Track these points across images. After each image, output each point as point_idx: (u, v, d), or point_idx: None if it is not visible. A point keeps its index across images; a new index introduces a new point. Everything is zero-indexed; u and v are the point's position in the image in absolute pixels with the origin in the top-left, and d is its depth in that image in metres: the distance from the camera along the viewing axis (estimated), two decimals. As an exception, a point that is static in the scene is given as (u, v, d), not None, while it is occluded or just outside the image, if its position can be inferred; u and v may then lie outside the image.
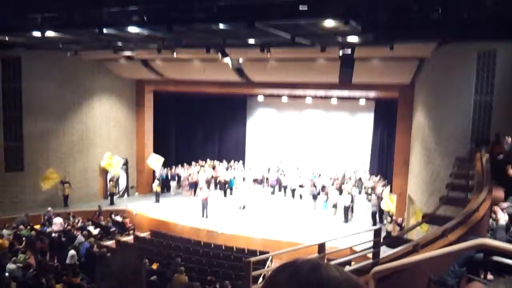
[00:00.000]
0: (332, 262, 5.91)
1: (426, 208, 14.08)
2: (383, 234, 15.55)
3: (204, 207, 20.41)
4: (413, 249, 4.46)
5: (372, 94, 22.01)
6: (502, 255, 3.01)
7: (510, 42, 10.73)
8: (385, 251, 6.20)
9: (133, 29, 12.41)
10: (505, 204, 4.65)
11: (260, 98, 27.16)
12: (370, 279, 2.97)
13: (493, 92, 11.50)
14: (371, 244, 5.70)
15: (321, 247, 4.45)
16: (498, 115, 11.36)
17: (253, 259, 4.39)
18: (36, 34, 13.55)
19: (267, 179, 25.68)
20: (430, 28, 10.58)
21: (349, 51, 14.93)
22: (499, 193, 6.47)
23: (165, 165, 25.53)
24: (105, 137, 23.30)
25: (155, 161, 23.20)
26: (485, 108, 11.83)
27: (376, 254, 4.36)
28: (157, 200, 22.88)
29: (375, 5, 10.32)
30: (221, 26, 11.63)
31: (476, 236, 4.22)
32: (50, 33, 13.46)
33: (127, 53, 18.35)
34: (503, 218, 3.92)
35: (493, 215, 4.04)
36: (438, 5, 9.74)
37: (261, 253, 15.31)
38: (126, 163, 23.97)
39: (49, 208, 18.05)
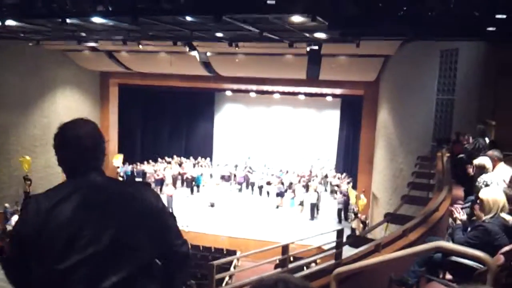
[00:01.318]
0: (298, 262, 5.89)
1: (389, 205, 14.28)
2: (348, 231, 15.73)
3: (169, 204, 20.11)
4: (375, 249, 4.44)
5: (338, 91, 22.19)
6: (459, 255, 3.01)
7: (471, 40, 10.92)
8: (350, 249, 6.20)
9: (97, 20, 12.00)
10: (460, 204, 4.67)
11: (228, 93, 26.99)
12: (331, 281, 2.90)
13: (455, 91, 11.70)
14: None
15: (285, 249, 4.37)
16: (460, 114, 11.58)
17: (216, 262, 4.28)
18: (-5, 23, 12.95)
19: (234, 176, 25.55)
20: (395, 26, 10.67)
21: (316, 47, 14.99)
22: (459, 192, 6.55)
23: (130, 161, 25.06)
24: (67, 131, 22.59)
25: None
26: (447, 106, 12.04)
27: (338, 255, 4.32)
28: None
29: (342, 2, 10.32)
30: (188, 18, 11.40)
31: (435, 236, 4.23)
32: (10, 22, 12.89)
33: (92, 44, 17.81)
34: (459, 218, 3.93)
35: (450, 215, 4.06)
36: (403, 3, 9.81)
37: (228, 251, 15.24)
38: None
39: (6, 205, 17.34)
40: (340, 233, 4.38)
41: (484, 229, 3.39)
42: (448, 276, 3.63)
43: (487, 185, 4.69)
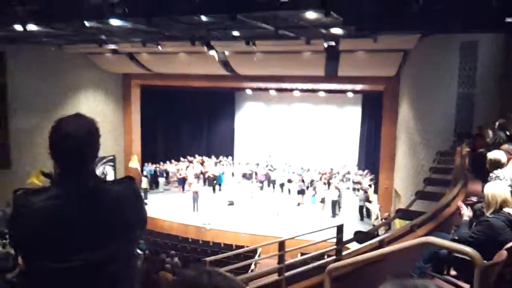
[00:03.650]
0: (303, 257, 5.82)
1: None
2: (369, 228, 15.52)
3: (195, 200, 20.38)
4: (379, 245, 4.37)
5: (358, 87, 21.96)
6: (449, 250, 2.93)
7: (491, 33, 10.65)
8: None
9: (115, 22, 12.19)
10: (474, 199, 4.57)
11: (248, 92, 27.05)
12: (325, 277, 2.87)
13: (476, 84, 11.42)
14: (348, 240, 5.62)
15: (281, 245, 4.36)
16: (481, 108, 11.30)
17: (208, 259, 4.33)
18: (18, 27, 13.28)
19: (256, 174, 25.57)
20: (413, 20, 10.48)
21: (333, 43, 14.85)
22: (476, 187, 6.39)
23: (153, 161, 25.37)
24: (91, 133, 23.02)
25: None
26: (468, 100, 11.76)
27: (338, 251, 4.27)
28: (145, 197, 22.62)
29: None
30: (203, 18, 11.47)
31: (441, 232, 4.15)
32: (32, 27, 13.21)
33: (112, 46, 18.09)
34: (466, 214, 3.84)
35: (458, 211, 3.97)
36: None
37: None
38: (113, 160, 23.75)
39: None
40: (340, 229, 4.32)
41: (488, 224, 3.30)
42: (453, 273, 3.56)
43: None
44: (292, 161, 26.81)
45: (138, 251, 12.22)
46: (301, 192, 21.60)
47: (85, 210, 1.69)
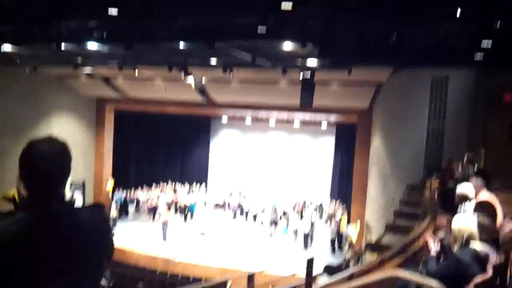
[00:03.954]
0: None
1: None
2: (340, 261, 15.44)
3: (165, 230, 19.96)
4: (348, 279, 4.30)
5: (332, 118, 22.22)
6: (416, 285, 2.90)
7: (461, 69, 11.00)
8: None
9: (92, 45, 12.10)
10: (442, 233, 4.57)
11: (224, 119, 27.04)
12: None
13: (446, 118, 11.69)
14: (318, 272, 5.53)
15: (250, 278, 4.24)
16: (450, 142, 11.54)
17: None
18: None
19: (228, 204, 25.33)
20: (385, 55, 10.75)
21: (309, 74, 15.06)
22: (444, 221, 6.42)
23: (124, 186, 24.86)
24: (62, 156, 22.50)
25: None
26: (438, 134, 12.01)
27: (308, 285, 4.17)
28: (114, 226, 21.92)
29: (333, 30, 10.42)
30: (182, 45, 11.52)
31: (410, 266, 4.12)
32: (6, 47, 13.02)
33: (87, 69, 17.91)
34: (433, 249, 3.84)
35: (426, 245, 3.96)
36: (393, 32, 9.91)
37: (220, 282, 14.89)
38: (83, 185, 23.17)
39: None
40: (310, 262, 4.23)
41: (454, 259, 3.28)
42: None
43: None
44: (265, 191, 26.70)
45: (103, 281, 11.85)
46: (274, 222, 21.41)
47: (51, 236, 1.63)
